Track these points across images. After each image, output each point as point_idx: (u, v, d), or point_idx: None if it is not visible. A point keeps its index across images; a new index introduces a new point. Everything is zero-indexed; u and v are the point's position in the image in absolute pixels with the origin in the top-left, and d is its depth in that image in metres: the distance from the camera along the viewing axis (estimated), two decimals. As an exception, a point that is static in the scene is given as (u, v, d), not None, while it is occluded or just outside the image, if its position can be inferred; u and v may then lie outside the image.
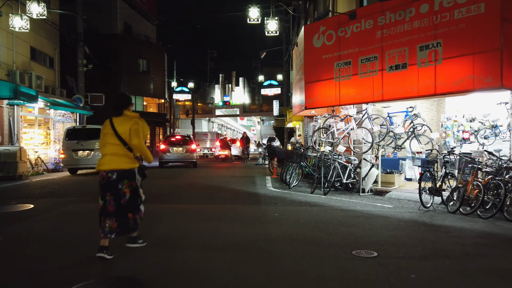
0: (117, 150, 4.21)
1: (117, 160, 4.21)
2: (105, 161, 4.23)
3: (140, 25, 39.08)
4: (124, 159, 4.23)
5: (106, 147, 4.26)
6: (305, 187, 10.59)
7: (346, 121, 10.07)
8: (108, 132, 4.26)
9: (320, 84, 9.57)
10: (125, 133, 4.20)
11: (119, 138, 4.20)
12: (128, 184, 4.29)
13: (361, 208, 7.27)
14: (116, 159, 4.21)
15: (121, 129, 4.21)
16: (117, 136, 4.20)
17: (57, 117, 18.00)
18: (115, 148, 4.22)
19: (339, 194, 9.27)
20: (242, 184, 11.25)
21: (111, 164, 4.21)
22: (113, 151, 4.22)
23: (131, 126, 4.21)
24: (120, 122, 4.25)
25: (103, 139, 4.32)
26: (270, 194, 9.08)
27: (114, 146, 4.22)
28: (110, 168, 4.20)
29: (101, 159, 4.28)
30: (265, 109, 60.02)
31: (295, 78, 12.55)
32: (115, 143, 4.21)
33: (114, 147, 4.22)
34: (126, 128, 4.21)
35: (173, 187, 10.32)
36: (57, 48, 19.78)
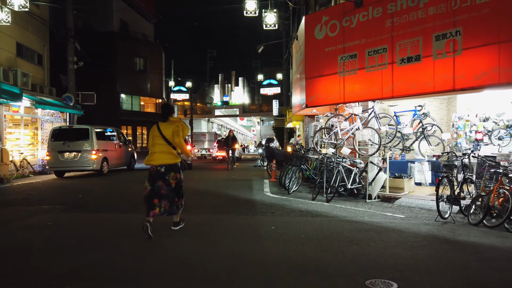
0: (163, 149, 5.20)
1: (164, 156, 5.20)
2: (155, 158, 5.22)
3: (137, 23, 38.22)
4: (169, 156, 5.24)
5: (155, 147, 5.23)
6: (305, 192, 9.72)
7: (351, 120, 9.20)
8: (156, 135, 5.24)
9: (322, 79, 8.71)
10: (169, 135, 5.17)
11: (165, 139, 5.17)
12: (174, 176, 5.29)
13: (370, 219, 6.39)
14: (163, 155, 5.20)
15: (166, 132, 5.18)
16: (163, 137, 5.17)
17: (46, 116, 17.14)
18: (162, 147, 5.20)
19: (344, 201, 8.40)
20: (238, 188, 10.38)
21: (160, 160, 5.20)
22: (161, 149, 5.20)
23: (173, 128, 5.18)
24: (165, 126, 5.21)
25: (152, 140, 5.27)
26: (267, 201, 8.21)
27: (161, 146, 5.20)
28: (159, 163, 5.20)
29: (150, 156, 5.27)
30: (265, 109, 59.16)
31: (295, 75, 11.68)
32: (162, 143, 5.19)
33: (161, 147, 5.20)
34: (170, 131, 5.17)
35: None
36: (46, 45, 18.94)
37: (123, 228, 5.76)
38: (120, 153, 15.95)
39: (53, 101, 16.99)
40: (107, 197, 8.89)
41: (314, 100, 8.86)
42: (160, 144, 5.22)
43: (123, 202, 8.10)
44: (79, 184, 11.59)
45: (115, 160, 15.47)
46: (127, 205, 7.67)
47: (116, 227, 5.89)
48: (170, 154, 5.25)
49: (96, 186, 10.96)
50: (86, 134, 13.78)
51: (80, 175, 14.77)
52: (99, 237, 5.24)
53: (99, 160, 13.93)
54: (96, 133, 14.11)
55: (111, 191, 9.98)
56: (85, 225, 6.00)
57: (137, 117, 35.82)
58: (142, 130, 37.62)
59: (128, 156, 16.92)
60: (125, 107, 35.30)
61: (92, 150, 13.66)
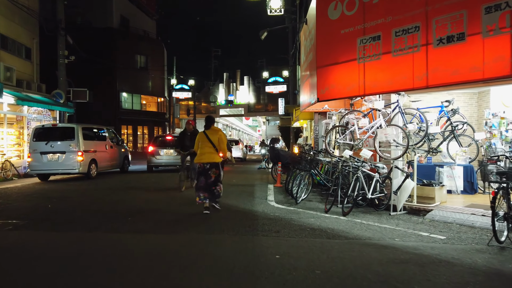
0: (210, 151, 6.79)
1: (210, 156, 6.78)
2: (204, 157, 6.80)
3: (138, 19, 36.98)
4: (215, 156, 6.82)
5: (204, 149, 6.81)
6: (316, 202, 8.30)
7: (371, 117, 7.77)
8: (204, 140, 6.84)
9: (337, 68, 7.28)
10: (215, 140, 6.80)
11: (212, 143, 6.79)
12: (214, 171, 6.81)
13: (403, 242, 4.96)
14: (210, 155, 6.78)
15: (212, 138, 6.81)
16: (210, 142, 6.79)
17: (32, 114, 15.89)
18: (209, 149, 6.79)
19: (363, 213, 6.98)
20: (237, 196, 8.99)
21: (207, 159, 6.78)
22: (208, 151, 6.79)
23: (218, 136, 6.88)
24: (210, 133, 6.88)
25: (200, 143, 6.87)
26: (271, 214, 6.80)
27: (209, 148, 6.79)
28: (207, 161, 6.77)
29: (200, 156, 6.83)
30: (270, 108, 57.71)
31: (303, 67, 10.25)
32: (209, 146, 6.79)
33: (209, 149, 6.79)
34: (215, 137, 6.84)
35: (148, 202, 8.08)
36: (36, 38, 17.68)
37: (75, 253, 4.37)
38: (112, 154, 14.63)
39: (40, 97, 15.71)
40: (81, 208, 7.53)
41: (327, 92, 7.44)
42: (208, 147, 6.81)
43: (94, 216, 6.72)
44: (59, 190, 10.27)
45: (106, 162, 14.14)
46: (96, 220, 6.28)
47: (66, 253, 4.51)
48: (215, 154, 6.83)
49: (76, 193, 9.61)
50: (71, 134, 12.46)
51: (65, 178, 13.46)
52: (40, 268, 3.87)
53: (86, 162, 12.61)
54: (83, 132, 12.80)
55: (90, 200, 8.62)
56: (31, 249, 4.62)
57: (138, 116, 34.55)
58: (143, 129, 36.36)
59: (121, 157, 15.59)
60: (125, 106, 34.08)
61: (78, 151, 12.34)
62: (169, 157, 15.97)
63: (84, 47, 27.05)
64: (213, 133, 6.89)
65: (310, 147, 9.43)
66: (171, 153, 15.95)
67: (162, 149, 15.93)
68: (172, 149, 15.97)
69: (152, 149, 15.96)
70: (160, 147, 16.02)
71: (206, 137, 6.82)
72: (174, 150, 15.71)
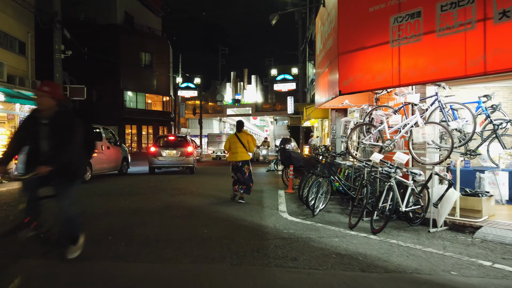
0: (242, 150, 8.00)
1: (241, 155, 7.99)
2: (236, 156, 7.99)
3: (143, 16, 35.95)
4: (245, 155, 8.03)
5: (236, 149, 8.01)
6: (336, 213, 7.08)
7: (402, 113, 6.51)
8: (235, 141, 8.06)
9: (364, 54, 6.04)
10: (245, 142, 8.02)
11: (242, 144, 8.00)
12: (247, 167, 8.04)
13: (464, 278, 3.71)
14: (241, 154, 7.99)
15: (243, 139, 8.04)
16: (241, 143, 8.01)
17: (26, 113, 14.83)
18: (240, 149, 8.00)
19: (396, 229, 5.75)
20: (244, 205, 7.78)
21: (239, 157, 7.99)
22: (239, 151, 8.00)
23: (248, 139, 8.11)
24: (241, 135, 8.11)
25: (232, 144, 8.08)
26: (284, 231, 5.58)
27: (240, 148, 7.99)
28: (239, 160, 8.01)
29: (233, 155, 8.03)
30: (278, 108, 56.45)
31: (319, 56, 9.00)
32: (240, 146, 8.00)
33: (240, 149, 7.99)
34: (245, 139, 8.07)
35: (137, 213, 6.90)
36: (31, 32, 16.66)
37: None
38: (109, 155, 13.52)
39: (33, 94, 14.64)
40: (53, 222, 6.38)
41: (351, 84, 6.19)
42: (240, 147, 7.93)
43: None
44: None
45: (102, 164, 13.04)
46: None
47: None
48: (245, 153, 7.94)
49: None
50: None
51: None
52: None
53: (78, 164, 11.48)
54: (75, 131, 11.68)
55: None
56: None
57: (142, 115, 33.51)
58: (148, 129, 35.33)
59: (120, 159, 14.48)
60: (129, 105, 33.07)
61: (69, 153, 11.22)
62: (171, 158, 15.17)
63: (87, 44, 26.14)
64: (243, 135, 8.14)
65: (327, 149, 8.15)
66: (173, 154, 15.17)
67: (165, 150, 15.13)
68: (175, 150, 15.13)
69: (154, 150, 15.08)
70: (163, 148, 15.25)
71: (238, 139, 8.06)
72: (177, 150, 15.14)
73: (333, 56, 6.93)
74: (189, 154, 15.27)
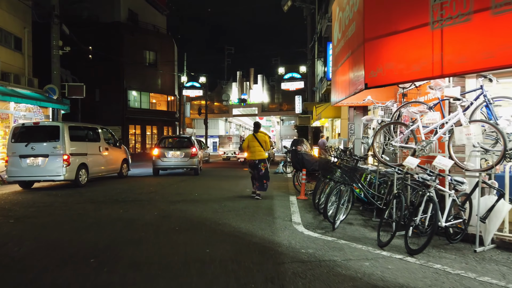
0: (259, 149, 8.61)
1: (259, 154, 8.60)
2: (254, 155, 8.61)
3: (147, 14, 35.18)
4: (262, 153, 8.63)
5: (254, 148, 8.63)
6: (358, 224, 6.15)
7: (438, 110, 5.55)
8: (253, 140, 8.68)
9: (397, 39, 5.09)
10: (262, 141, 8.66)
11: (260, 143, 8.62)
12: (263, 165, 8.60)
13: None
14: (259, 153, 8.60)
15: (260, 139, 8.68)
16: (259, 142, 8.64)
17: (21, 112, 14.10)
18: (258, 149, 8.61)
19: (435, 248, 4.82)
20: (252, 214, 6.87)
21: (257, 156, 8.60)
22: (257, 150, 8.61)
23: (265, 139, 8.75)
24: (258, 135, 8.71)
25: (251, 143, 8.70)
26: (302, 251, 4.64)
27: (258, 147, 8.61)
28: (256, 158, 8.60)
29: (251, 154, 8.67)
30: (285, 108, 55.50)
31: (337, 48, 8.06)
32: (258, 145, 8.62)
33: (258, 148, 8.61)
34: (262, 139, 8.69)
35: (129, 226, 6.01)
36: (28, 27, 15.90)
37: None
38: (107, 157, 12.68)
39: (29, 93, 13.89)
40: (34, 237, 5.53)
41: (380, 75, 5.24)
42: (257, 147, 8.66)
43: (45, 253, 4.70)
44: (31, 202, 8.33)
45: (99, 166, 12.20)
46: (43, 262, 4.24)
47: None
48: (262, 152, 8.66)
49: (48, 209, 7.62)
50: (55, 134, 10.53)
51: (51, 185, 11.57)
52: None
53: (73, 167, 10.67)
54: (70, 132, 10.86)
55: (58, 221, 6.63)
56: None
57: (147, 115, 32.71)
58: (152, 129, 34.53)
59: (119, 160, 13.65)
60: (133, 104, 32.30)
61: (63, 154, 10.41)
62: (175, 159, 14.69)
63: (90, 43, 25.40)
64: (260, 135, 8.75)
65: (344, 152, 7.17)
66: (177, 156, 14.69)
67: (168, 151, 14.75)
68: (179, 151, 14.68)
69: (157, 152, 14.66)
70: (166, 149, 14.86)
71: (255, 139, 8.68)
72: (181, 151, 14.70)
73: (356, 44, 5.99)
74: (193, 155, 14.83)
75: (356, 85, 5.99)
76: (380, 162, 6.09)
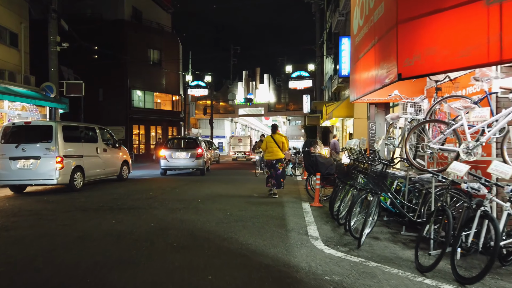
0: (276, 150, 9.01)
1: (276, 154, 9.01)
2: (272, 155, 9.03)
3: (152, 12, 34.44)
4: (279, 153, 9.01)
5: (272, 148, 9.03)
6: (385, 238, 5.28)
7: (484, 106, 4.64)
8: (271, 141, 9.08)
9: (440, 19, 4.19)
10: (279, 142, 9.04)
11: (277, 144, 9.00)
12: (281, 165, 9.05)
13: None
14: (276, 153, 9.00)
15: (277, 140, 9.06)
16: (276, 143, 9.02)
17: (16, 111, 13.37)
18: (276, 149, 9.01)
19: (491, 275, 3.90)
20: (262, 225, 6.01)
21: (274, 156, 9.02)
22: (275, 150, 9.01)
23: (282, 140, 9.13)
24: (276, 137, 9.11)
25: (269, 144, 9.11)
26: (325, 279, 3.77)
27: (276, 148, 9.01)
28: (274, 158, 9.03)
29: (269, 154, 9.08)
30: (291, 108, 54.55)
31: (357, 36, 7.17)
32: (275, 146, 9.02)
33: (276, 149, 9.01)
34: (280, 140, 9.08)
35: (120, 242, 5.18)
36: (25, 23, 15.19)
37: None
38: (105, 159, 11.89)
39: (24, 91, 13.16)
40: (5, 256, 4.72)
41: (417, 63, 4.35)
42: (275, 147, 9.02)
43: (12, 279, 3.89)
44: (16, 210, 7.55)
45: (97, 169, 11.41)
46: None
47: None
48: (279, 152, 9.01)
49: (33, 219, 6.81)
50: (48, 134, 9.76)
51: (45, 189, 10.80)
52: None
53: (67, 170, 9.89)
54: (65, 132, 10.08)
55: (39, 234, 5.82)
56: None
57: (151, 115, 31.95)
58: (157, 130, 33.77)
59: (119, 162, 12.86)
60: (137, 104, 31.57)
61: (56, 156, 9.63)
62: (181, 160, 15.06)
63: (93, 41, 24.71)
64: (277, 136, 9.10)
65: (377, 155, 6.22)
66: (183, 156, 15.09)
67: (175, 152, 15.15)
68: (185, 152, 15.17)
69: (164, 152, 15.12)
70: (173, 149, 15.28)
71: (273, 140, 9.03)
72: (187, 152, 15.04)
73: (385, 28, 5.10)
74: (199, 156, 15.10)
75: (384, 77, 5.10)
76: (415, 167, 5.19)
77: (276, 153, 9.01)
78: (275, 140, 9.04)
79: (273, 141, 9.04)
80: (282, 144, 9.06)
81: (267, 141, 9.17)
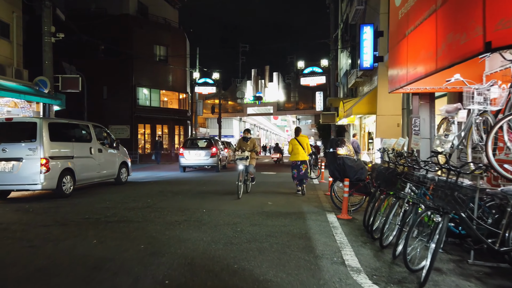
0: (302, 152, 9.44)
1: (301, 155, 9.43)
2: (298, 156, 9.43)
3: (158, 7, 33.22)
4: (304, 155, 9.45)
5: (297, 150, 9.46)
6: (451, 273, 3.90)
7: None
8: (296, 144, 9.51)
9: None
10: (304, 144, 9.49)
11: (302, 146, 9.45)
12: (304, 166, 9.45)
13: None
14: (301, 155, 9.43)
15: (302, 142, 9.50)
16: (300, 145, 9.46)
17: (5, 107, 12.19)
18: (301, 151, 9.43)
19: None
20: (281, 249, 4.64)
21: (300, 157, 9.42)
22: (300, 152, 9.43)
23: (306, 141, 9.61)
24: (300, 138, 9.56)
25: (294, 146, 9.53)
26: None
27: (300, 150, 9.44)
28: (299, 159, 9.42)
29: (294, 155, 9.47)
30: (301, 107, 53.04)
31: (401, 9, 5.75)
32: (300, 148, 9.44)
33: (300, 150, 9.44)
34: (304, 142, 9.54)
35: (91, 276, 3.85)
36: (17, 12, 14.02)
37: None
38: (101, 160, 10.62)
39: (14, 85, 11.97)
40: None
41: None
42: (300, 149, 9.44)
43: None
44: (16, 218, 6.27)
45: (91, 172, 10.15)
46: None
47: None
48: (304, 154, 9.47)
49: (3, 234, 5.54)
50: (32, 132, 8.51)
51: (33, 194, 9.57)
52: None
53: (54, 173, 8.64)
54: (51, 130, 8.83)
55: (2, 255, 4.52)
56: None
57: (157, 114, 30.75)
58: (163, 129, 32.58)
59: (116, 164, 11.58)
60: (143, 102, 30.40)
61: (40, 158, 8.38)
62: (198, 158, 16.81)
63: (97, 36, 23.56)
64: (301, 138, 9.64)
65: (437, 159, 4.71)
66: (200, 154, 16.86)
67: (192, 151, 16.90)
68: (201, 151, 16.93)
69: (182, 151, 17.12)
70: (189, 149, 17.09)
71: (298, 142, 9.55)
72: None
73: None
74: (213, 155, 16.88)
75: (455, 52, 3.69)
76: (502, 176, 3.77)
77: (302, 154, 9.47)
78: (300, 142, 9.54)
79: (298, 143, 9.53)
80: (307, 146, 9.58)
81: (292, 144, 9.65)
